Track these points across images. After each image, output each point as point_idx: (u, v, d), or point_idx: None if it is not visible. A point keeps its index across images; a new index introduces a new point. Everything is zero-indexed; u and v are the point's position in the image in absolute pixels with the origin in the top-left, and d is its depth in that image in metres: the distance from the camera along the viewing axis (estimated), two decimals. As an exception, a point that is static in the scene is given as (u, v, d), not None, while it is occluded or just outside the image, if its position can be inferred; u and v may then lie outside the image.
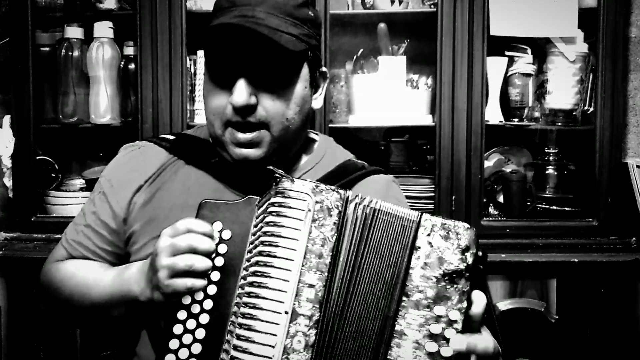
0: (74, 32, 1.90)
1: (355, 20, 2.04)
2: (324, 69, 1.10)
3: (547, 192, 1.98)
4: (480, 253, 0.84)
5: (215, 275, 0.86)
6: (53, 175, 1.98)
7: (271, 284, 0.83)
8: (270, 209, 0.86)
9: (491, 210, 1.97)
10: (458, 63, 1.81)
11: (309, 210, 0.85)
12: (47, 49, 1.95)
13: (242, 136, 0.99)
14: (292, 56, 0.98)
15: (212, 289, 0.86)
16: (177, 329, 0.85)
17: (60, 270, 1.10)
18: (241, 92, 0.96)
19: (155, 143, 1.13)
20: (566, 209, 1.95)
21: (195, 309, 0.85)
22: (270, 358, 0.81)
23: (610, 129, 1.83)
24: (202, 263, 0.85)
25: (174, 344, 0.84)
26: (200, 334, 0.84)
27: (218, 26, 0.96)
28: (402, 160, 2.13)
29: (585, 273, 1.80)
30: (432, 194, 1.85)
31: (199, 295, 0.85)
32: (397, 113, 1.89)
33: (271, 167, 0.89)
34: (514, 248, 1.81)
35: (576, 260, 1.78)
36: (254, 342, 0.81)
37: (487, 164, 1.97)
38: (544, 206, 1.95)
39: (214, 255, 0.86)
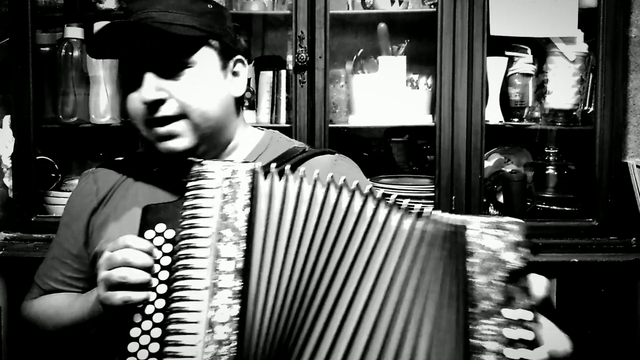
0: (74, 32, 1.90)
1: (355, 20, 2.04)
2: (240, 56, 1.13)
3: (547, 192, 1.98)
4: (530, 244, 0.83)
5: (164, 274, 0.87)
6: (53, 175, 1.98)
7: (194, 264, 0.85)
8: (188, 193, 0.89)
9: (491, 210, 1.97)
10: (458, 63, 1.81)
11: (219, 187, 0.88)
12: (47, 49, 1.95)
13: (160, 130, 1.04)
14: (187, 42, 1.02)
15: (162, 288, 0.87)
16: (134, 332, 0.86)
17: (33, 307, 1.17)
18: (148, 87, 1.02)
19: (105, 166, 1.18)
20: (566, 209, 1.95)
21: (149, 310, 0.86)
22: (197, 334, 0.82)
23: (610, 129, 1.83)
24: (136, 276, 0.86)
25: (133, 346, 0.86)
26: (157, 332, 0.85)
27: (108, 26, 1.00)
28: (402, 160, 2.13)
29: (585, 273, 1.80)
30: (432, 194, 1.85)
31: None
32: (397, 113, 1.89)
33: (191, 158, 0.92)
34: (514, 248, 1.81)
35: (576, 260, 1.78)
36: (185, 321, 0.83)
37: (487, 164, 1.97)
38: (544, 206, 1.95)
39: (155, 266, 0.88)
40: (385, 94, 1.89)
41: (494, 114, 1.89)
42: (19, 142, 1.88)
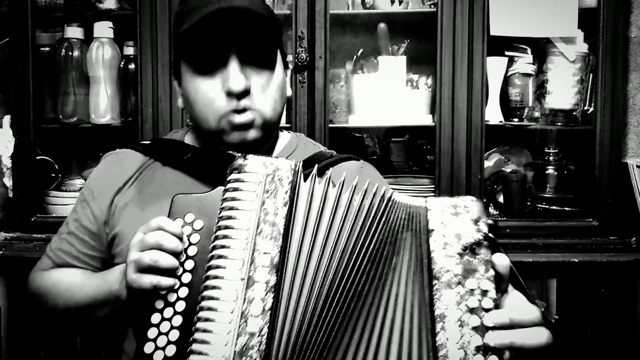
0: (74, 32, 1.90)
1: (355, 20, 2.04)
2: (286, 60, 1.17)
3: (547, 192, 1.98)
4: (490, 221, 0.87)
5: (190, 264, 0.88)
6: (53, 175, 1.99)
7: (230, 254, 0.85)
8: (228, 186, 0.90)
9: (491, 210, 1.97)
10: (458, 63, 1.81)
11: (261, 182, 0.89)
12: (47, 49, 1.95)
13: (238, 118, 1.03)
14: (270, 35, 1.04)
15: (186, 277, 0.88)
16: (155, 318, 0.86)
17: (44, 279, 1.13)
18: (237, 76, 1.01)
19: (131, 148, 1.17)
20: (566, 209, 1.95)
21: (172, 297, 0.87)
22: (229, 324, 0.82)
23: (610, 129, 1.83)
24: (166, 260, 0.87)
25: (152, 332, 0.86)
26: (177, 320, 0.86)
27: (199, 20, 0.98)
28: (402, 160, 2.13)
29: (585, 273, 1.80)
30: (432, 194, 1.85)
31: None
32: (397, 113, 1.89)
33: (231, 152, 0.94)
34: (514, 248, 1.81)
35: (576, 260, 1.78)
36: (216, 310, 0.83)
37: (487, 164, 1.97)
38: (544, 206, 1.95)
39: (183, 253, 0.89)
40: (385, 94, 1.89)
41: (494, 114, 1.89)
42: (19, 142, 1.89)
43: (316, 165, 0.94)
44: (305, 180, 0.92)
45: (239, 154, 0.92)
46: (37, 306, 1.14)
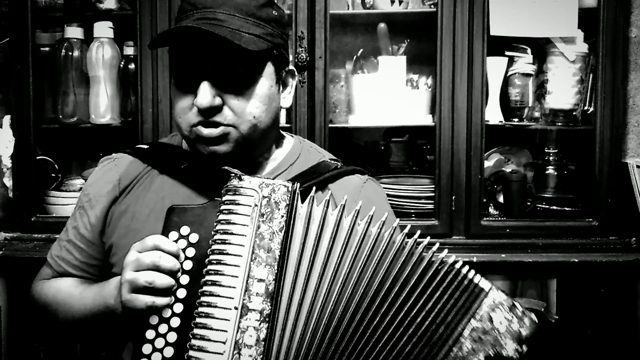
0: (74, 32, 1.90)
1: (355, 20, 2.04)
2: (291, 67, 1.11)
3: (547, 192, 1.98)
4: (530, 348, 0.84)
5: (185, 279, 0.87)
6: (53, 175, 1.98)
7: (223, 281, 0.84)
8: (222, 207, 0.88)
9: (491, 210, 1.97)
10: (458, 63, 1.81)
11: (256, 206, 0.87)
12: (47, 49, 1.95)
13: (207, 132, 0.99)
14: (254, 56, 0.98)
15: (181, 293, 0.87)
16: (150, 334, 0.86)
17: (44, 289, 1.13)
18: (205, 93, 0.97)
19: (129, 154, 1.15)
20: (566, 209, 1.95)
21: (167, 313, 0.86)
22: (222, 354, 0.81)
23: (610, 129, 1.83)
24: (163, 280, 0.86)
25: (147, 348, 0.85)
26: (172, 337, 0.85)
27: (178, 29, 0.96)
28: (402, 160, 2.13)
29: (585, 273, 1.80)
30: (432, 194, 1.85)
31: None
32: (397, 113, 1.89)
33: (226, 167, 0.91)
34: (514, 248, 1.81)
35: (576, 260, 1.78)
36: (209, 340, 0.82)
37: (487, 164, 1.97)
38: (544, 206, 1.95)
39: (179, 271, 0.87)
40: (385, 94, 1.89)
41: (494, 114, 1.89)
42: (19, 142, 1.89)
43: (314, 188, 0.91)
44: (303, 201, 0.89)
45: (236, 173, 0.90)
46: (40, 317, 1.14)
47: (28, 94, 1.86)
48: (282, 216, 0.87)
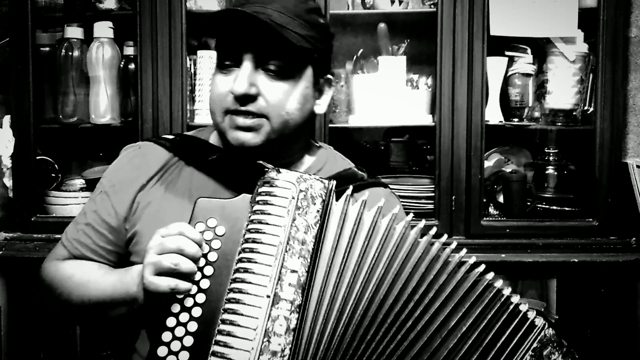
0: (74, 32, 1.90)
1: (355, 20, 2.04)
2: (330, 76, 1.13)
3: (547, 192, 1.98)
4: None
5: (209, 270, 0.87)
6: (53, 175, 1.98)
7: (256, 269, 0.85)
8: (258, 198, 0.89)
9: (491, 210, 1.97)
10: (458, 63, 1.81)
11: (293, 198, 0.88)
12: (47, 49, 1.95)
13: (241, 120, 1.01)
14: (295, 53, 1.01)
15: (205, 283, 0.87)
16: (170, 321, 0.86)
17: (59, 270, 1.10)
18: (242, 81, 0.99)
19: (155, 142, 1.14)
20: (566, 209, 1.95)
21: (188, 302, 0.86)
22: (251, 341, 0.81)
23: (610, 129, 1.83)
24: (187, 265, 0.86)
25: (166, 336, 0.85)
26: (193, 326, 0.85)
27: (230, 10, 0.99)
28: (402, 160, 2.13)
29: (585, 273, 1.80)
30: (432, 194, 1.85)
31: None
32: (397, 113, 1.89)
33: (261, 162, 0.92)
34: (514, 248, 1.81)
35: (576, 260, 1.78)
36: (238, 325, 0.82)
37: (487, 164, 1.97)
38: (544, 206, 1.95)
39: (202, 259, 0.88)
40: (385, 94, 1.89)
41: (494, 114, 1.89)
42: (19, 142, 1.88)
43: (351, 186, 0.93)
44: (337, 200, 0.90)
45: (271, 167, 0.91)
46: (50, 296, 1.12)
47: (28, 94, 1.86)
48: (318, 211, 0.88)
